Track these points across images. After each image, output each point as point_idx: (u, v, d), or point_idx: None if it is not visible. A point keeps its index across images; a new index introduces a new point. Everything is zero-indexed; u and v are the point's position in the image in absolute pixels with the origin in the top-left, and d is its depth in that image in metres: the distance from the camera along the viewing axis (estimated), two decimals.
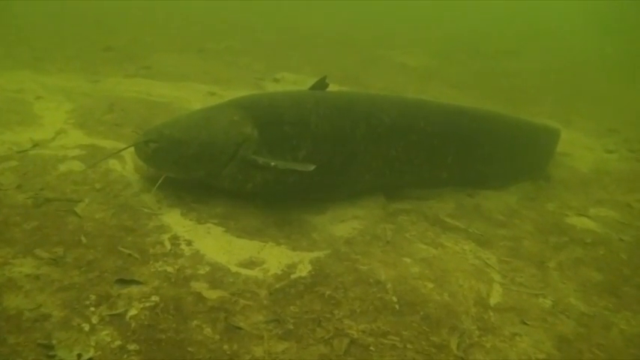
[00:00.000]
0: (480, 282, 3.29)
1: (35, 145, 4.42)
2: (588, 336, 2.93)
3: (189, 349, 2.42)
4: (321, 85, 4.27)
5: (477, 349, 2.69)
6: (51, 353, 2.31)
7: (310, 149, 3.85)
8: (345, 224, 3.79)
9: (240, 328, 2.58)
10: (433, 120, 4.35)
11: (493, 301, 3.13)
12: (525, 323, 2.95)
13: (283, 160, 3.74)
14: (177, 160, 3.74)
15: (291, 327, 2.64)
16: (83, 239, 3.19)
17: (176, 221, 3.53)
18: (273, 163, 3.62)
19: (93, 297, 2.70)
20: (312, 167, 3.56)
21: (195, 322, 2.59)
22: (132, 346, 2.40)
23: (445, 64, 10.33)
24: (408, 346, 2.62)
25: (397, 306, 2.92)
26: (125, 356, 2.34)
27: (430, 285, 3.17)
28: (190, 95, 6.38)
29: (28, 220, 3.33)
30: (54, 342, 2.37)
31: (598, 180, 5.28)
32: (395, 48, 11.44)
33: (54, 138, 4.62)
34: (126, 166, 4.21)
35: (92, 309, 2.62)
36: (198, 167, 3.75)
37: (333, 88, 4.49)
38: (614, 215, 4.50)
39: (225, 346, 2.45)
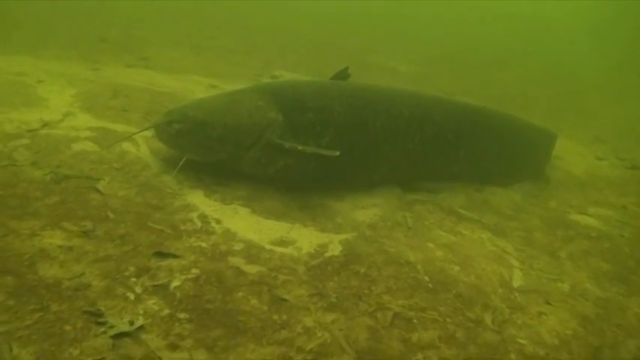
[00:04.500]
0: (501, 266, 3.40)
1: (45, 125, 4.33)
2: (607, 317, 3.06)
3: (240, 318, 2.42)
4: (343, 75, 4.34)
5: (510, 324, 2.79)
6: (100, 320, 2.27)
7: (333, 136, 3.89)
8: (365, 210, 3.85)
9: (285, 300, 2.60)
10: (448, 115, 4.46)
11: (516, 283, 3.24)
12: (549, 304, 3.07)
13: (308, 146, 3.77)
14: (201, 142, 3.72)
15: (335, 300, 2.67)
16: (110, 214, 3.14)
17: (201, 201, 3.51)
18: (300, 148, 3.65)
19: (132, 268, 2.67)
20: (338, 153, 3.60)
21: (240, 294, 2.59)
22: (182, 315, 2.39)
23: (435, 72, 10.57)
24: (448, 320, 2.69)
25: (430, 285, 2.99)
26: (177, 324, 2.33)
27: (456, 267, 3.25)
28: (192, 86, 6.35)
29: (49, 195, 3.26)
30: (102, 309, 2.33)
31: (592, 183, 5.52)
32: (383, 54, 11.64)
33: (62, 120, 4.53)
34: (140, 148, 4.17)
35: (133, 279, 2.59)
36: (221, 150, 3.74)
37: None
38: (612, 214, 4.72)
39: (275, 316, 2.47)
